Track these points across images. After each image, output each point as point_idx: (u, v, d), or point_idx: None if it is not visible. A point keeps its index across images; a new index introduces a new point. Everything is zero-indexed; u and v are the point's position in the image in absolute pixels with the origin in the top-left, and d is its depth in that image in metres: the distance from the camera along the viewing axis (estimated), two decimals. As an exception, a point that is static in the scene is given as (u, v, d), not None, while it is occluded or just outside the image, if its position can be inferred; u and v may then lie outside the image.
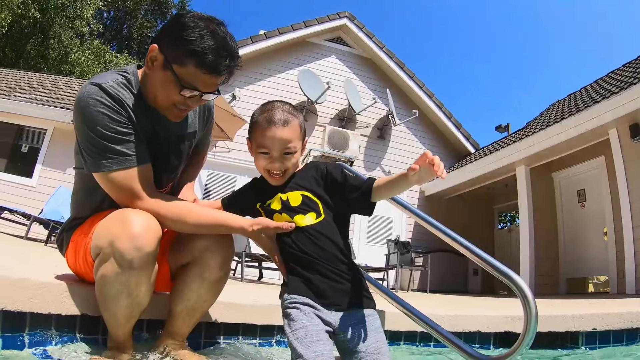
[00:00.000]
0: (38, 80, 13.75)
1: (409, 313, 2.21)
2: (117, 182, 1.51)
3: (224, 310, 2.06)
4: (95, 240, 1.48)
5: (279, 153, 1.54)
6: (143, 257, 1.38)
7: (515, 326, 2.63)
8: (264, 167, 1.58)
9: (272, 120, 1.53)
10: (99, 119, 1.47)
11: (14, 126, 10.77)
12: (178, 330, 1.70)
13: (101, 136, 1.48)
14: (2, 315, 1.49)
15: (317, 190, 1.58)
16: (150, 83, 1.58)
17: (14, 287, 1.51)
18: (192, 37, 1.44)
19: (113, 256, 1.38)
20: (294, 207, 1.54)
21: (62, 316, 1.62)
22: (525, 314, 1.51)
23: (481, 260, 1.72)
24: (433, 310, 2.27)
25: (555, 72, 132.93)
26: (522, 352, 1.53)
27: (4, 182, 10.15)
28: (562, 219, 9.27)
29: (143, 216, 1.44)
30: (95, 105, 1.47)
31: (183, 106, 1.58)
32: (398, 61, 12.14)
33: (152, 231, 1.42)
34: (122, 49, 32.17)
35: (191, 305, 1.66)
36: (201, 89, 1.52)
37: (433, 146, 12.35)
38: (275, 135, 1.52)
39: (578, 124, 7.25)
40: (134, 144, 1.54)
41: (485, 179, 10.21)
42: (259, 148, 1.56)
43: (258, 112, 1.62)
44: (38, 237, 8.05)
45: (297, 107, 1.69)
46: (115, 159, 1.49)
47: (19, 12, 19.25)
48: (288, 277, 1.50)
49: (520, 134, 9.88)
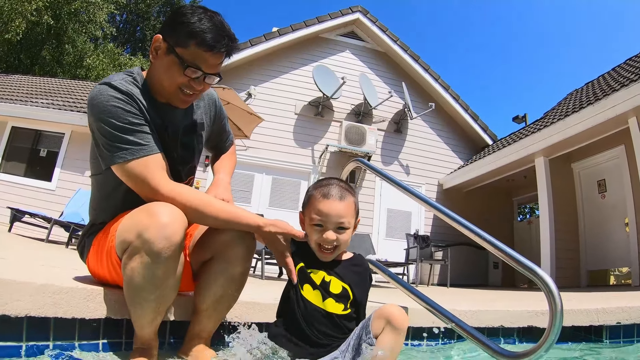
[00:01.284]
0: (54, 85, 13.93)
1: (432, 309, 2.20)
2: (133, 172, 1.55)
3: (246, 309, 2.05)
4: (121, 235, 1.48)
5: (333, 227, 1.60)
6: (172, 246, 1.39)
7: (538, 321, 2.61)
8: (317, 240, 1.62)
9: (329, 194, 1.62)
10: (112, 112, 1.54)
11: (32, 131, 10.96)
12: (204, 328, 1.69)
13: (115, 128, 1.53)
14: (27, 321, 1.48)
15: (355, 289, 1.65)
16: (155, 73, 1.66)
17: (38, 292, 1.49)
18: (192, 20, 1.54)
19: (142, 247, 1.39)
20: (331, 292, 1.61)
21: (86, 320, 1.60)
22: (550, 309, 1.51)
23: (504, 254, 1.72)
24: (455, 305, 2.24)
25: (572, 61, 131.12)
26: (548, 347, 1.51)
27: (24, 186, 10.34)
28: (582, 210, 9.20)
29: (169, 207, 1.46)
30: (108, 100, 1.54)
31: (188, 89, 1.64)
32: (413, 54, 12.06)
33: (179, 221, 1.44)
34: (136, 51, 32.34)
35: (217, 300, 1.65)
36: (204, 69, 1.59)
37: (450, 138, 12.34)
38: (330, 209, 1.59)
39: (597, 113, 7.13)
40: (146, 135, 1.59)
41: (504, 170, 10.12)
42: (312, 221, 1.62)
43: (313, 187, 1.71)
44: (59, 240, 8.14)
45: (350, 186, 1.76)
46: (129, 149, 1.54)
47: (32, 19, 19.42)
48: (278, 325, 1.62)
49: (538, 124, 9.76)
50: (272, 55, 11.26)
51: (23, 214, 7.84)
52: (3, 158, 10.77)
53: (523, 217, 22.72)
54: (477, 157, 11.39)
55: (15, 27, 18.47)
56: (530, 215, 26.16)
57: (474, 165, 10.75)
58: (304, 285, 1.62)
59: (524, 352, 1.60)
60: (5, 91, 12.20)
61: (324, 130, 11.35)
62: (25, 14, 18.64)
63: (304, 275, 1.63)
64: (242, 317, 2.04)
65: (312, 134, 11.27)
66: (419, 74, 12.08)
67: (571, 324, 2.63)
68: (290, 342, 1.55)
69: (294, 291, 1.62)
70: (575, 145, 8.13)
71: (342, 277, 1.65)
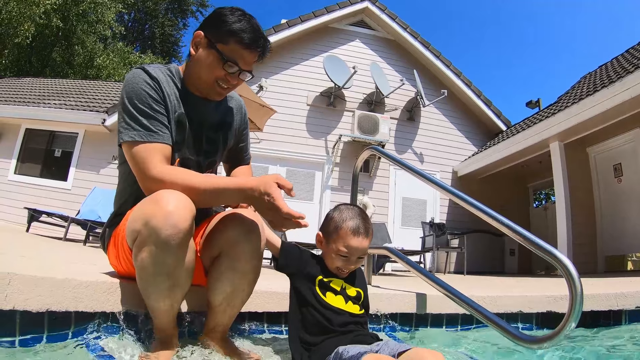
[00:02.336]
0: (66, 86, 14.04)
1: (451, 295, 2.20)
2: (136, 154, 1.60)
3: (265, 299, 2.06)
4: (130, 226, 1.49)
5: (356, 258, 1.72)
6: (179, 233, 1.39)
7: (557, 306, 2.63)
8: (339, 266, 1.73)
9: (359, 232, 1.71)
10: (138, 93, 1.65)
11: (46, 132, 11.09)
12: (219, 322, 1.71)
13: (135, 108, 1.63)
14: (48, 316, 1.48)
15: (365, 292, 1.82)
16: (194, 66, 1.76)
17: (59, 287, 1.50)
18: (232, 20, 1.68)
19: (149, 236, 1.39)
20: (350, 295, 1.73)
21: (107, 313, 1.62)
22: (570, 292, 1.50)
23: (523, 238, 1.71)
24: (473, 292, 2.24)
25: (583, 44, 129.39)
26: (568, 331, 1.52)
27: (40, 186, 10.48)
28: (598, 195, 9.08)
29: (175, 194, 1.46)
30: (138, 82, 1.66)
31: (224, 83, 1.75)
32: (423, 41, 11.93)
33: (186, 208, 1.43)
34: (145, 49, 32.49)
35: (229, 296, 1.66)
36: (240, 64, 1.71)
37: (464, 125, 12.23)
38: (360, 246, 1.71)
39: (612, 95, 6.99)
40: (160, 123, 1.67)
41: (519, 156, 9.99)
42: (340, 252, 1.71)
43: (340, 217, 1.76)
44: (76, 238, 8.21)
45: (365, 213, 1.83)
46: (140, 132, 1.62)
47: (41, 23, 19.55)
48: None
49: (552, 108, 9.62)
50: (282, 47, 11.19)
51: (40, 213, 7.92)
52: (18, 160, 10.92)
53: (539, 204, 22.54)
54: (491, 143, 11.24)
55: (25, 30, 18.59)
56: (545, 201, 25.94)
57: (488, 152, 10.63)
58: (326, 293, 1.70)
59: (544, 337, 1.60)
60: (18, 94, 12.34)
61: (336, 121, 11.31)
62: (33, 18, 18.75)
63: (324, 285, 1.72)
64: (262, 307, 2.04)
65: (325, 125, 11.24)
66: (430, 61, 11.94)
67: (590, 309, 2.62)
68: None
69: (316, 299, 1.68)
70: (591, 129, 7.99)
71: (353, 283, 1.79)
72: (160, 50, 33.04)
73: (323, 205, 10.66)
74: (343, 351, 1.43)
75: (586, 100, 7.54)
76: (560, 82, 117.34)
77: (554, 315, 2.61)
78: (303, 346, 1.62)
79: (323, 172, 10.98)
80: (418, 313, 2.42)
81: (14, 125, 11.06)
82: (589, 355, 1.91)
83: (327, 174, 10.90)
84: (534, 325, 2.63)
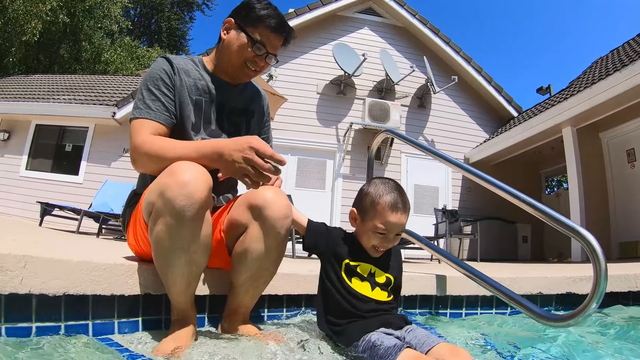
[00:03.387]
0: (74, 82, 14.09)
1: (473, 276, 2.17)
2: (133, 128, 1.71)
3: (284, 281, 2.03)
4: (146, 199, 1.49)
5: (394, 235, 1.63)
6: (194, 204, 1.37)
7: (576, 287, 2.61)
8: (375, 244, 1.64)
9: (397, 207, 1.61)
10: (153, 77, 1.78)
11: (57, 127, 11.18)
12: (241, 304, 1.69)
13: (147, 89, 1.77)
14: (65, 299, 1.45)
15: (397, 277, 1.72)
16: (224, 50, 1.88)
17: (75, 270, 1.46)
18: (260, 7, 1.82)
19: (164, 207, 1.38)
20: (378, 282, 1.65)
21: (125, 297, 1.58)
22: (595, 269, 1.48)
23: (546, 215, 1.68)
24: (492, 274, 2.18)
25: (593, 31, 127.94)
26: (593, 309, 1.49)
27: (52, 181, 10.60)
28: (611, 180, 9.04)
29: (191, 165, 1.44)
30: (156, 67, 1.81)
31: (252, 65, 1.86)
32: (432, 27, 11.84)
33: (201, 179, 1.40)
34: (152, 43, 32.49)
35: (252, 275, 1.63)
36: (267, 47, 1.84)
37: (475, 112, 12.15)
38: (399, 222, 1.61)
39: (625, 79, 6.90)
40: (163, 105, 1.76)
41: (531, 142, 9.91)
42: (376, 229, 1.61)
43: (376, 191, 1.66)
44: (90, 231, 8.25)
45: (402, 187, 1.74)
46: (142, 110, 1.73)
47: (48, 20, 19.58)
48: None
49: (565, 93, 9.51)
50: (290, 36, 11.13)
51: (53, 207, 7.97)
52: (29, 156, 11.02)
53: (550, 191, 22.37)
54: (503, 129, 11.16)
55: (32, 28, 18.65)
56: (557, 188, 25.77)
57: (500, 138, 10.54)
58: (352, 279, 1.63)
59: (569, 315, 1.57)
60: (27, 91, 12.42)
61: (347, 109, 11.26)
62: (40, 15, 18.80)
63: (350, 270, 1.64)
64: (280, 289, 2.01)
65: (336, 113, 11.18)
66: (440, 47, 11.85)
67: (609, 290, 2.57)
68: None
69: (341, 284, 1.62)
70: (604, 113, 7.91)
71: (385, 268, 1.69)
72: (167, 44, 33.01)
73: (335, 194, 10.65)
74: (376, 340, 1.38)
75: (599, 84, 7.46)
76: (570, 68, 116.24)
77: (573, 296, 2.58)
78: (330, 327, 1.58)
79: (334, 160, 10.95)
80: (438, 295, 2.39)
81: (24, 122, 11.17)
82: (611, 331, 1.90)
83: (338, 162, 10.88)
84: (553, 306, 2.61)
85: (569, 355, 1.53)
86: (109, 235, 8.05)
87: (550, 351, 1.57)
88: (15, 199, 10.42)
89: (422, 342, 1.39)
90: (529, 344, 1.67)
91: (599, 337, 1.87)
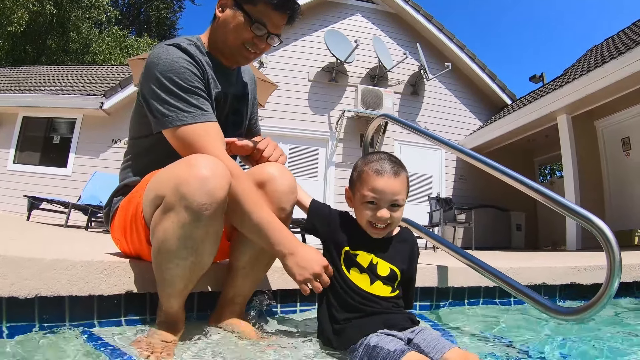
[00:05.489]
0: (62, 72, 13.91)
1: (475, 266, 2.08)
2: (191, 136, 1.45)
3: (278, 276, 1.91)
4: (155, 189, 1.34)
5: (386, 205, 1.49)
6: (214, 203, 1.24)
7: (581, 277, 2.55)
8: (369, 218, 1.51)
9: (383, 171, 1.50)
10: (180, 71, 1.49)
11: (44, 119, 11.01)
12: (239, 291, 1.59)
13: (180, 88, 1.48)
14: (38, 302, 1.33)
15: (404, 269, 1.56)
16: (219, 30, 1.66)
17: (48, 269, 1.34)
18: None
19: (179, 203, 1.23)
20: (379, 275, 1.50)
21: (105, 297, 1.46)
22: (608, 260, 1.42)
23: (555, 203, 1.59)
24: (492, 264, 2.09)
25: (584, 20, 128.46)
26: (606, 302, 1.42)
27: (40, 174, 10.44)
28: (606, 169, 9.08)
29: (212, 159, 1.29)
30: (177, 60, 1.51)
31: (251, 47, 1.64)
32: (426, 14, 11.73)
33: (223, 175, 1.28)
34: (141, 33, 32.15)
35: (255, 256, 1.54)
36: (268, 27, 1.61)
37: (468, 99, 12.11)
38: (385, 186, 1.48)
39: (621, 67, 6.85)
40: (207, 102, 1.54)
41: (525, 130, 9.88)
42: (365, 199, 1.50)
43: (363, 162, 1.57)
44: (78, 224, 8.12)
45: (401, 161, 1.60)
46: (191, 113, 1.47)
47: (34, 10, 19.29)
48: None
49: (560, 81, 9.48)
50: (281, 23, 10.99)
51: (40, 201, 7.81)
52: (17, 149, 10.84)
53: (543, 179, 22.46)
54: (497, 117, 11.14)
55: (18, 18, 18.38)
56: (550, 176, 25.90)
57: (494, 125, 10.52)
58: (350, 269, 1.51)
59: (581, 308, 1.51)
60: (14, 83, 12.22)
61: (339, 96, 11.16)
62: (27, 5, 18.53)
63: (349, 259, 1.52)
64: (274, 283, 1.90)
65: (328, 100, 11.06)
66: (433, 34, 11.75)
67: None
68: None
69: (339, 274, 1.50)
70: (599, 101, 7.88)
71: (390, 259, 1.53)
72: (157, 34, 32.62)
73: (327, 182, 10.59)
74: (375, 344, 1.26)
75: (595, 71, 7.41)
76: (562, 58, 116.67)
77: (578, 287, 2.52)
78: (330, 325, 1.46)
79: (327, 148, 10.88)
80: (440, 287, 2.29)
81: (11, 115, 10.97)
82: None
83: (331, 150, 10.80)
84: (557, 297, 2.55)
85: (576, 346, 1.47)
86: (98, 228, 7.93)
87: (555, 342, 1.52)
88: (3, 194, 10.25)
89: (432, 345, 1.28)
90: (532, 334, 1.64)
91: (608, 327, 1.83)
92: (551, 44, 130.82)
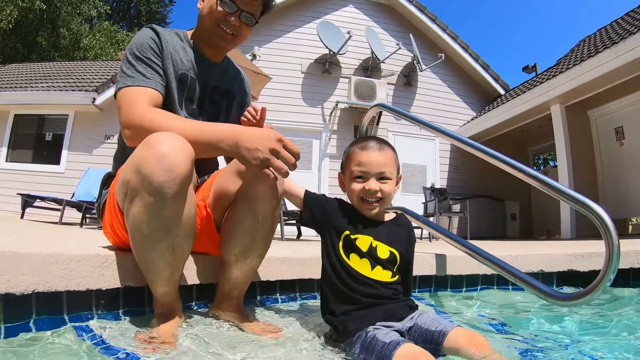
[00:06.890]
0: (53, 69, 13.79)
1: (474, 254, 2.07)
2: (126, 97, 1.49)
3: (278, 266, 1.91)
4: (121, 177, 1.32)
5: (374, 177, 1.52)
6: (175, 179, 1.20)
7: (578, 264, 2.57)
8: (359, 193, 1.54)
9: (367, 146, 1.55)
10: (139, 44, 1.60)
11: (36, 116, 10.88)
12: (235, 285, 1.56)
13: (134, 57, 1.58)
14: (36, 298, 1.31)
15: (403, 252, 1.55)
16: (200, 17, 1.74)
17: (45, 264, 1.32)
18: None
19: (141, 185, 1.21)
20: (379, 258, 1.49)
21: (103, 291, 1.44)
22: (607, 246, 1.41)
23: (553, 189, 1.60)
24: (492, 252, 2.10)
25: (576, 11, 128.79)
26: (604, 287, 1.43)
27: (33, 172, 10.34)
28: (600, 158, 9.08)
29: (170, 136, 1.26)
30: (143, 36, 1.63)
31: (225, 26, 1.67)
32: (418, 5, 11.71)
33: (183, 150, 1.24)
34: (132, 28, 31.96)
35: (245, 248, 1.49)
36: (238, 3, 1.64)
37: (462, 90, 12.11)
38: (370, 158, 1.53)
39: (615, 56, 6.83)
40: (156, 73, 1.59)
41: (519, 120, 9.88)
42: (353, 174, 1.55)
43: (350, 145, 1.63)
44: (73, 221, 8.07)
45: (389, 143, 1.64)
46: (134, 78, 1.53)
47: (24, 6, 19.11)
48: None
49: (553, 71, 9.50)
50: (273, 15, 10.83)
51: (34, 199, 7.75)
52: (9, 147, 10.73)
53: (537, 168, 22.52)
54: (491, 107, 11.15)
55: (7, 15, 18.17)
56: (543, 166, 25.98)
57: (487, 115, 10.52)
58: (350, 255, 1.49)
59: (579, 293, 1.52)
60: (4, 81, 12.10)
61: (332, 88, 11.13)
62: (15, 1, 18.31)
63: (349, 244, 1.51)
64: (275, 275, 1.89)
65: (321, 92, 11.04)
66: (426, 25, 11.72)
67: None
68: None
69: (339, 262, 1.49)
70: (593, 91, 7.87)
71: (389, 242, 1.53)
72: (148, 29, 32.51)
73: (322, 174, 10.58)
74: (372, 337, 1.26)
75: (588, 61, 7.41)
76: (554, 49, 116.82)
77: (575, 274, 2.54)
78: (330, 317, 1.46)
79: (321, 140, 10.86)
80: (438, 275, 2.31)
81: (2, 113, 10.84)
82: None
83: (324, 142, 10.79)
84: (555, 284, 2.57)
85: (574, 331, 1.52)
86: (93, 225, 7.88)
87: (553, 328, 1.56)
88: (-4, 193, 10.17)
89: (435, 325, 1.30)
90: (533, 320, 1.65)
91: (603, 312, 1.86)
92: (544, 35, 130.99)
